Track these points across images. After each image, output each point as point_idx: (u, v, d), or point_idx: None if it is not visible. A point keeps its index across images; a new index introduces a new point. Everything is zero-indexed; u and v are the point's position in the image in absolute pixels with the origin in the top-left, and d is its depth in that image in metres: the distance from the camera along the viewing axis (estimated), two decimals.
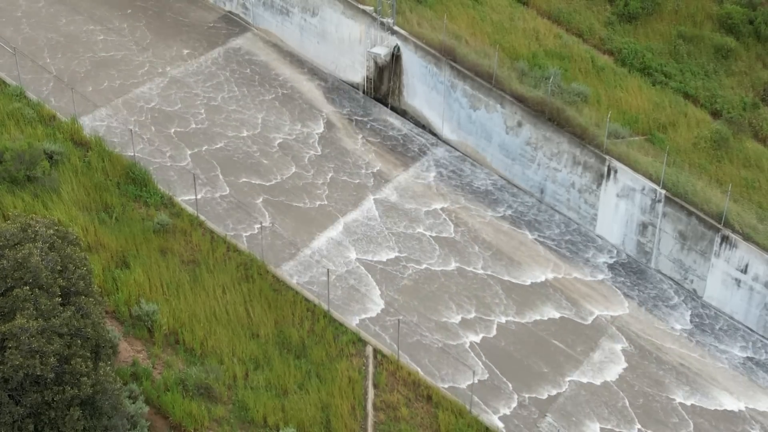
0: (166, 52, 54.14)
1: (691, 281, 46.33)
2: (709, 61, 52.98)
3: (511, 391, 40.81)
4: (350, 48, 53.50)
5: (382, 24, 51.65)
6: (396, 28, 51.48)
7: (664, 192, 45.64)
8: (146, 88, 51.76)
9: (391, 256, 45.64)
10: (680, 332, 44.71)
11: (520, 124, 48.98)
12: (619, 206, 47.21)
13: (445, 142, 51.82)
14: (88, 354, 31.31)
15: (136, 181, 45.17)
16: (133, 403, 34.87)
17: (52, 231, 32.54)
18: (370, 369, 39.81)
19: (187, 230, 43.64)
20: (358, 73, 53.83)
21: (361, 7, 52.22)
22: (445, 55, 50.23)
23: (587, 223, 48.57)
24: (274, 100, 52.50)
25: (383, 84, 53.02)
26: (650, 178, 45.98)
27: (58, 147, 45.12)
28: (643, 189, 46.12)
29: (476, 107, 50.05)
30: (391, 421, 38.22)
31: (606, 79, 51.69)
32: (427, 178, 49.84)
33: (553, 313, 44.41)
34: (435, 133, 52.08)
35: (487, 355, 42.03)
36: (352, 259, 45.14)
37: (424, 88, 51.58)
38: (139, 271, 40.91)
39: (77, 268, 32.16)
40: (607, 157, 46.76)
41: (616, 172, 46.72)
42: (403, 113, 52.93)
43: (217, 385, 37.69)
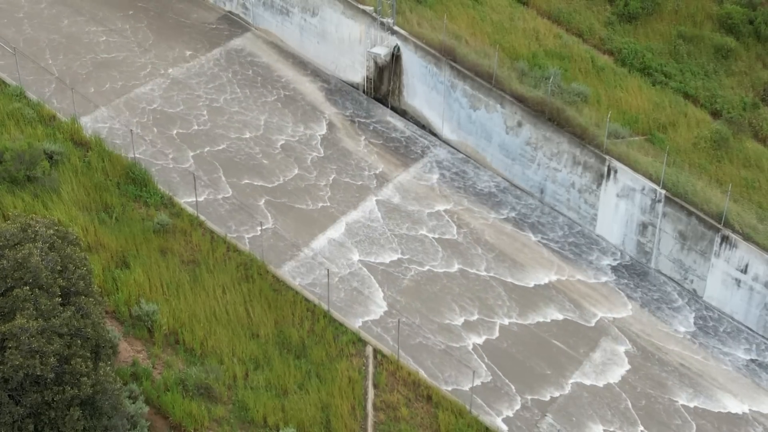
0: (169, 54, 54.08)
1: (691, 281, 46.32)
2: (709, 61, 52.97)
3: (515, 393, 40.80)
4: (350, 48, 53.49)
5: (382, 24, 51.64)
6: (396, 28, 51.46)
7: (664, 192, 45.63)
8: (148, 89, 51.72)
9: (394, 258, 45.68)
10: (684, 334, 44.64)
11: (520, 124, 48.97)
12: (619, 206, 47.19)
13: (445, 142, 51.82)
14: (88, 354, 31.30)
15: (136, 181, 45.15)
16: (133, 403, 34.86)
17: (52, 231, 32.53)
18: (370, 369, 39.78)
19: (187, 230, 43.63)
20: (358, 73, 53.82)
21: (361, 7, 52.21)
22: (445, 55, 50.21)
23: (587, 223, 48.56)
24: (276, 101, 52.46)
25: (383, 84, 53.00)
26: (650, 178, 45.97)
27: (58, 147, 45.10)
28: (643, 189, 46.11)
29: (476, 107, 50.04)
30: (391, 421, 38.21)
31: (606, 79, 51.68)
32: (431, 180, 49.80)
33: (557, 315, 44.34)
34: (435, 133, 52.07)
35: (490, 357, 41.99)
36: (355, 261, 45.13)
37: (424, 88, 51.57)
38: (139, 271, 40.90)
39: (77, 268, 32.16)
40: (607, 157, 46.76)
41: (616, 172, 46.72)
42: (403, 113, 52.92)
43: (217, 385, 37.68)
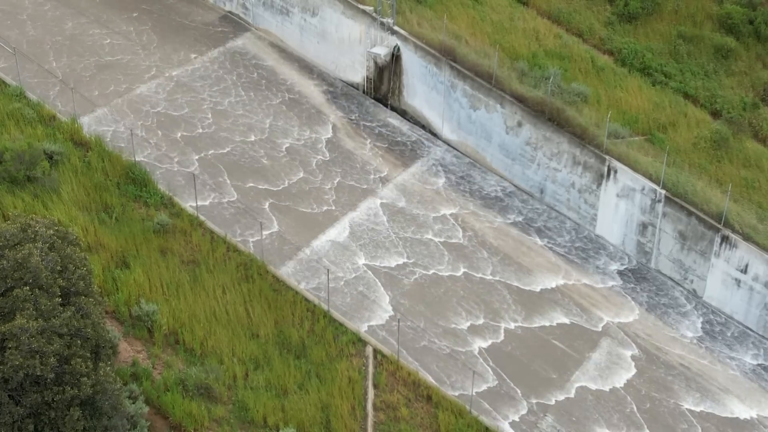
0: (173, 56, 53.93)
1: (691, 281, 46.32)
2: (709, 61, 52.97)
3: (521, 398, 40.74)
4: (350, 48, 53.48)
5: (382, 24, 51.64)
6: (396, 28, 51.47)
7: (664, 192, 45.63)
8: (153, 92, 51.57)
9: (400, 262, 45.66)
10: (691, 339, 44.55)
11: (520, 124, 48.97)
12: (619, 206, 47.19)
13: (445, 142, 51.81)
14: (88, 354, 31.30)
15: (136, 182, 45.14)
16: (133, 404, 34.86)
17: (52, 231, 32.53)
18: (370, 369, 39.78)
19: (187, 230, 43.61)
20: (358, 73, 53.82)
21: (361, 7, 52.20)
22: (445, 55, 50.21)
23: (587, 224, 48.55)
24: (281, 104, 52.37)
25: (383, 84, 53.00)
26: (650, 178, 45.98)
27: (58, 147, 45.08)
28: (643, 189, 46.11)
29: (476, 107, 50.03)
30: (391, 421, 38.20)
31: (606, 79, 51.68)
32: (436, 183, 49.73)
33: (563, 320, 44.29)
34: (435, 133, 52.07)
35: (496, 362, 41.90)
36: (360, 265, 45.13)
37: (424, 88, 51.56)
38: (139, 271, 40.89)
39: (77, 269, 32.15)
40: (607, 157, 46.76)
41: (616, 172, 46.71)
42: (403, 113, 52.91)
43: (217, 385, 37.67)
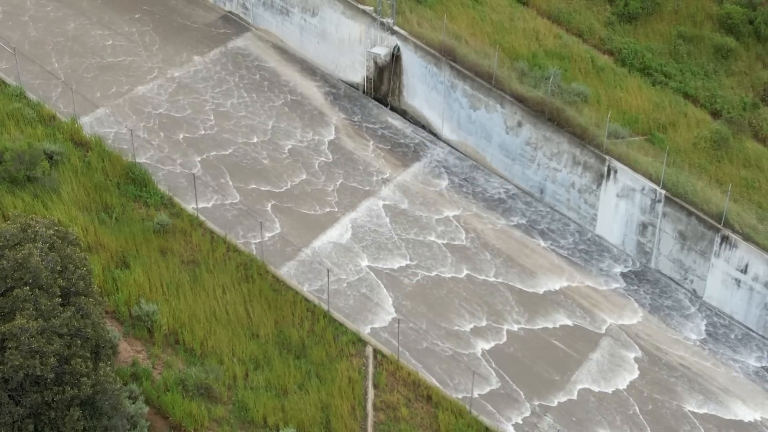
0: (176, 57, 53.88)
1: (691, 281, 46.32)
2: (709, 61, 52.97)
3: (524, 400, 40.69)
4: (350, 48, 53.48)
5: (382, 24, 51.64)
6: (396, 28, 51.46)
7: (664, 192, 45.63)
8: (155, 93, 51.52)
9: (402, 264, 45.63)
10: (694, 341, 44.52)
11: (520, 124, 48.97)
12: (619, 206, 47.19)
13: (445, 142, 51.81)
14: (88, 354, 31.30)
15: (136, 182, 45.13)
16: (133, 404, 34.86)
17: (52, 231, 32.52)
18: (370, 369, 39.77)
19: (187, 230, 43.60)
20: (358, 73, 53.82)
21: (361, 7, 52.20)
22: (445, 55, 50.21)
23: (587, 224, 48.55)
24: (283, 105, 52.33)
25: (383, 84, 53.00)
26: (650, 178, 45.98)
27: (58, 147, 45.08)
28: (643, 189, 46.11)
29: (476, 107, 50.03)
30: (391, 421, 38.20)
31: (606, 79, 51.67)
32: (439, 185, 49.69)
33: (566, 321, 44.25)
34: (435, 133, 52.07)
35: (499, 364, 41.85)
36: (363, 267, 45.11)
37: (424, 88, 51.57)
38: (139, 271, 40.88)
39: (77, 269, 32.15)
40: (607, 157, 46.76)
41: (616, 172, 46.71)
42: (403, 113, 52.91)
43: (217, 385, 37.67)
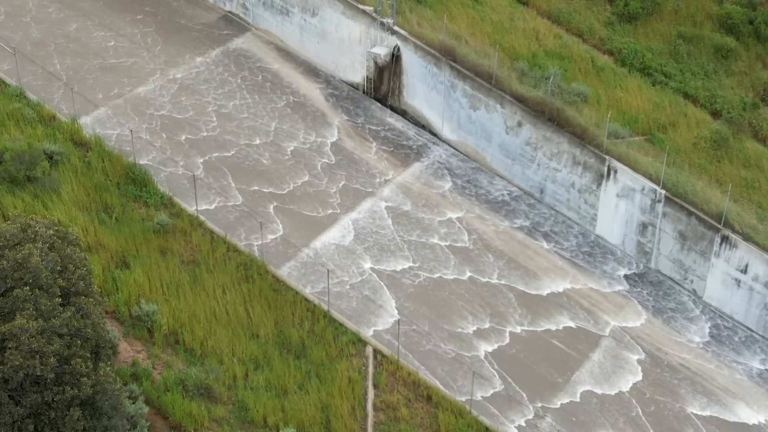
0: (178, 58, 53.84)
1: (691, 281, 46.32)
2: (709, 61, 52.97)
3: (527, 402, 40.65)
4: (350, 48, 53.49)
5: (382, 24, 51.64)
6: (396, 28, 51.47)
7: (664, 192, 45.63)
8: (157, 94, 51.47)
9: (405, 266, 45.59)
10: (698, 344, 44.46)
11: (520, 124, 48.97)
12: (619, 206, 47.20)
13: (445, 142, 51.81)
14: (88, 354, 31.30)
15: (136, 182, 45.14)
16: (133, 404, 34.87)
17: (52, 231, 32.53)
18: (370, 369, 39.78)
19: (187, 230, 43.62)
20: (358, 73, 53.82)
21: (361, 7, 52.20)
22: (445, 55, 50.21)
23: (587, 224, 48.56)
24: (285, 107, 52.29)
25: (383, 84, 53.00)
26: (650, 178, 45.98)
27: (58, 147, 45.09)
28: (643, 189, 46.11)
29: (476, 107, 50.03)
30: (391, 421, 38.20)
31: (606, 79, 51.68)
32: (442, 187, 49.65)
33: (569, 323, 44.20)
34: (435, 133, 52.07)
35: (502, 366, 41.82)
36: (366, 269, 45.10)
37: (424, 88, 51.57)
38: (139, 272, 40.89)
39: (77, 269, 32.16)
40: (607, 157, 46.76)
41: (616, 172, 46.72)
42: (403, 113, 52.91)
43: (217, 385, 37.68)
